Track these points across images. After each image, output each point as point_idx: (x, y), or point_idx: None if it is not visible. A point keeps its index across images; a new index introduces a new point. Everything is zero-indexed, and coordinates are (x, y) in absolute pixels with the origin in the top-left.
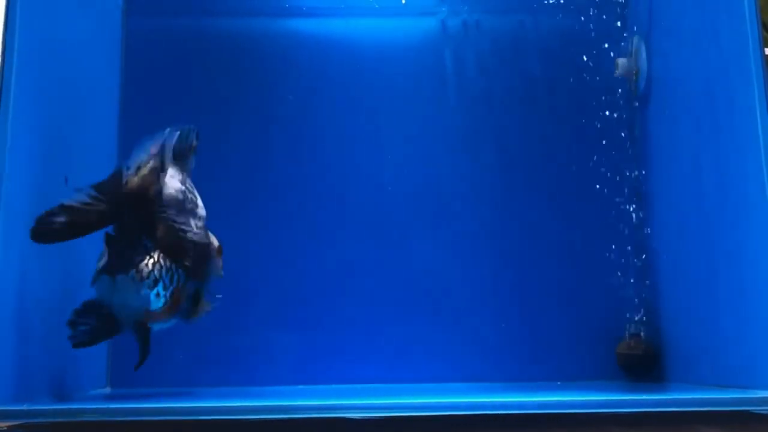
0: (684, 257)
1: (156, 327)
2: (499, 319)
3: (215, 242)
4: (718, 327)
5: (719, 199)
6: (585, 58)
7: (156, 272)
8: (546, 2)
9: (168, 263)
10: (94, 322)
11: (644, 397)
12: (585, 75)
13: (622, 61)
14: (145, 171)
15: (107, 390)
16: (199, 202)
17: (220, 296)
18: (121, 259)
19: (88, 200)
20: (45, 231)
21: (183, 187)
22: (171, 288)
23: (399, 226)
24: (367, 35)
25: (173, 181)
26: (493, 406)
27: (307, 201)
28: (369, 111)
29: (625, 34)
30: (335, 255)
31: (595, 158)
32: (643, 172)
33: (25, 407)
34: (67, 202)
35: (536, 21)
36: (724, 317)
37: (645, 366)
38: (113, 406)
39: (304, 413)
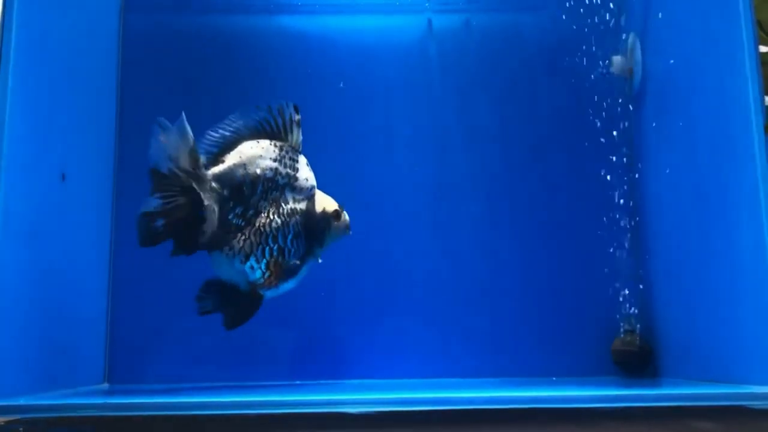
0: (678, 254)
1: (269, 294)
2: (495, 314)
3: (329, 207)
4: (711, 323)
5: (713, 197)
6: (580, 56)
7: (246, 248)
8: (541, 0)
9: (259, 238)
10: (215, 296)
11: (638, 392)
12: (580, 72)
13: (617, 59)
14: (223, 159)
15: (104, 386)
16: (301, 174)
17: (320, 260)
18: (217, 237)
19: (171, 195)
20: (149, 235)
21: (273, 165)
22: (264, 261)
23: (394, 223)
24: (364, 32)
25: (262, 161)
26: (489, 401)
27: None
28: (366, 108)
29: (623, 35)
30: (332, 251)
31: (589, 156)
32: (638, 169)
33: (22, 402)
34: (152, 207)
35: (530, 18)
36: (717, 313)
37: (639, 362)
38: (110, 401)
39: (301, 408)
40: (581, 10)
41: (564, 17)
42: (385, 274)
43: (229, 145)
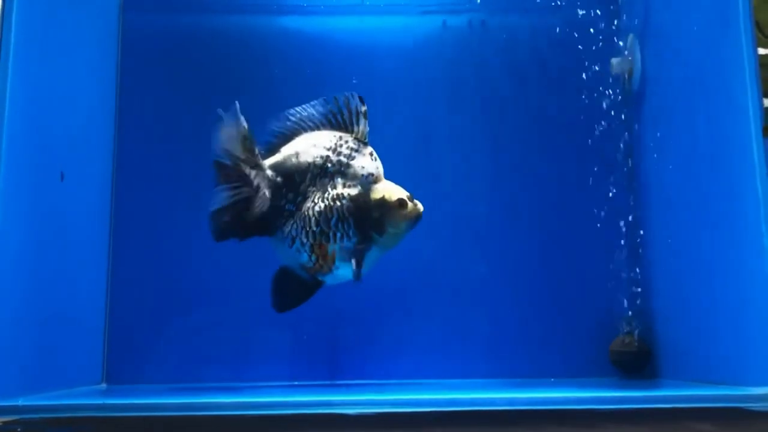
0: (676, 255)
1: (328, 280)
2: (493, 315)
3: (391, 195)
4: (710, 324)
5: (712, 198)
6: (579, 57)
7: (293, 231)
8: (542, 1)
9: (305, 223)
10: (287, 288)
11: (637, 393)
12: (579, 73)
13: (616, 60)
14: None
15: (103, 386)
16: (357, 162)
17: (388, 250)
18: (268, 223)
19: (234, 190)
20: (221, 230)
21: (325, 153)
22: (308, 244)
23: None
24: (365, 33)
25: (315, 150)
26: (487, 402)
27: None
28: (370, 110)
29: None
30: None
31: (589, 157)
32: (637, 170)
33: (20, 403)
34: (220, 201)
35: (531, 20)
36: (716, 314)
37: (638, 363)
38: (108, 401)
39: (299, 409)
40: (580, 11)
41: (564, 19)
42: (384, 276)
43: (292, 136)
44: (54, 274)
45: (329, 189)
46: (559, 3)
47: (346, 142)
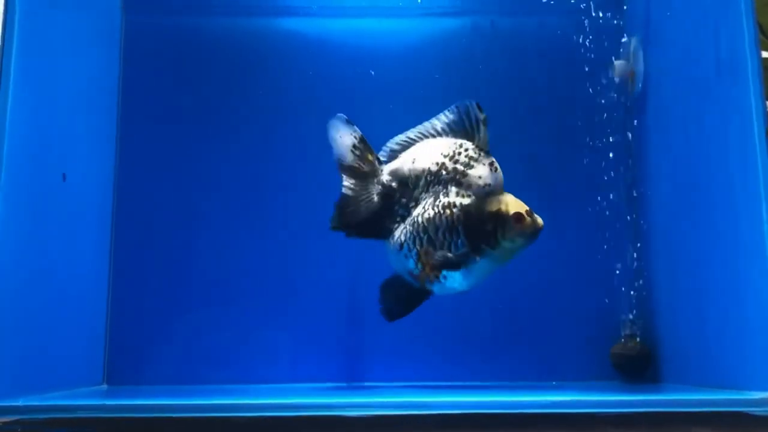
0: (679, 259)
1: (436, 289)
2: (495, 318)
3: (508, 208)
4: (712, 328)
5: (714, 202)
6: (580, 59)
7: (402, 236)
8: (546, 3)
9: (413, 228)
10: (396, 296)
11: (639, 397)
12: (580, 76)
13: (619, 63)
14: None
15: (103, 387)
16: (475, 171)
17: (503, 264)
18: (382, 227)
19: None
20: (338, 220)
21: (441, 160)
22: (415, 250)
23: None
24: (367, 35)
25: (431, 157)
26: (489, 405)
27: (307, 199)
28: (368, 110)
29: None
30: (333, 253)
31: (590, 159)
32: (639, 174)
33: (21, 403)
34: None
35: (535, 22)
36: (718, 318)
37: (640, 366)
38: (109, 402)
39: (300, 411)
40: (582, 14)
41: (567, 21)
42: (384, 277)
43: (411, 143)
44: (55, 274)
45: (441, 197)
46: (562, 6)
47: (466, 150)
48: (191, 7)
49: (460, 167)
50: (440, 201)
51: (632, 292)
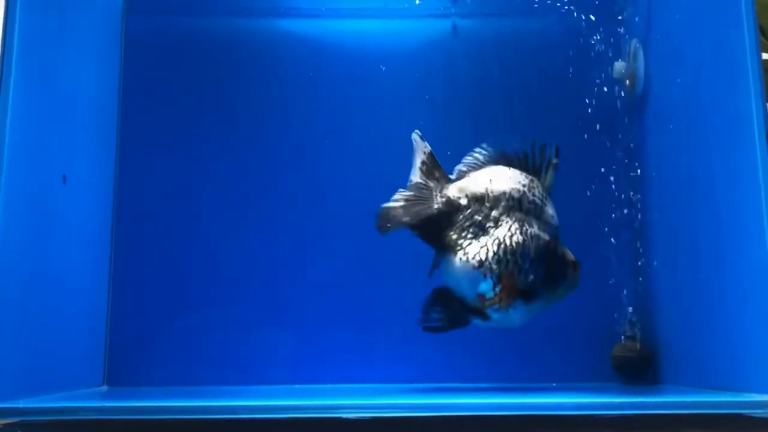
0: (678, 260)
1: (494, 316)
2: None
3: (569, 255)
4: (712, 330)
5: (714, 205)
6: (581, 61)
7: (482, 254)
8: (544, 4)
9: (496, 248)
10: (443, 309)
11: (638, 399)
12: (581, 78)
13: (619, 65)
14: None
15: (104, 388)
16: (548, 210)
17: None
18: (454, 243)
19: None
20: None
21: (521, 188)
22: (497, 271)
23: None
24: (368, 36)
25: (510, 181)
26: (488, 407)
27: (307, 201)
28: (372, 113)
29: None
30: (334, 254)
31: (590, 161)
32: (639, 176)
33: (21, 405)
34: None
35: (533, 23)
36: (718, 320)
37: (639, 369)
38: (109, 404)
39: (299, 413)
40: (583, 15)
41: (568, 23)
42: (385, 278)
43: (481, 166)
44: (55, 275)
45: (526, 225)
46: (563, 7)
47: (537, 186)
48: (193, 9)
49: (537, 201)
50: (527, 229)
51: (632, 295)
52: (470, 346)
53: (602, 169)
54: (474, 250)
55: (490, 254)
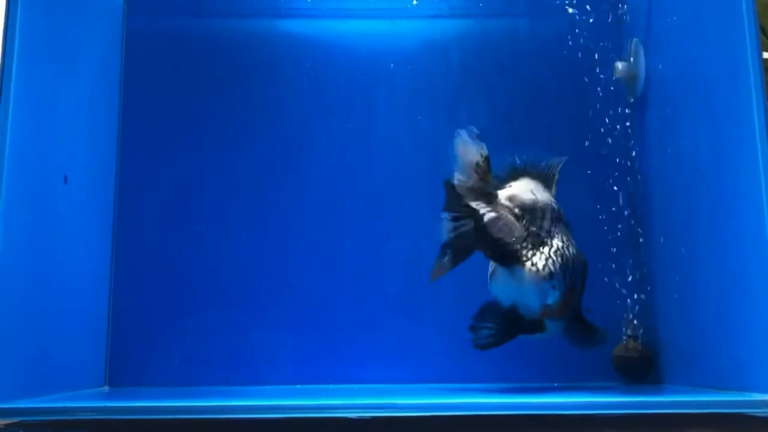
0: (680, 260)
1: (550, 326)
2: None
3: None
4: (714, 329)
5: (716, 204)
6: (582, 61)
7: (550, 265)
8: (545, 4)
9: (563, 261)
10: (493, 325)
11: (640, 398)
12: (582, 77)
13: (620, 64)
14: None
15: (105, 389)
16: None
17: (589, 309)
18: (516, 254)
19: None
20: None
21: (554, 203)
22: (565, 283)
23: (397, 227)
24: (368, 37)
25: (546, 194)
26: (490, 407)
27: (307, 202)
28: (372, 114)
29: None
30: (334, 255)
31: (591, 161)
32: (640, 175)
33: (22, 405)
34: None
35: (534, 23)
36: (719, 320)
37: (641, 368)
38: (111, 404)
39: (301, 413)
40: (584, 15)
41: (568, 23)
42: (387, 279)
43: (508, 177)
44: (56, 275)
45: (572, 239)
46: (564, 7)
47: (557, 203)
48: (194, 10)
49: (563, 216)
50: (573, 242)
51: (634, 294)
52: (470, 345)
53: (602, 169)
54: (541, 261)
55: (557, 267)
